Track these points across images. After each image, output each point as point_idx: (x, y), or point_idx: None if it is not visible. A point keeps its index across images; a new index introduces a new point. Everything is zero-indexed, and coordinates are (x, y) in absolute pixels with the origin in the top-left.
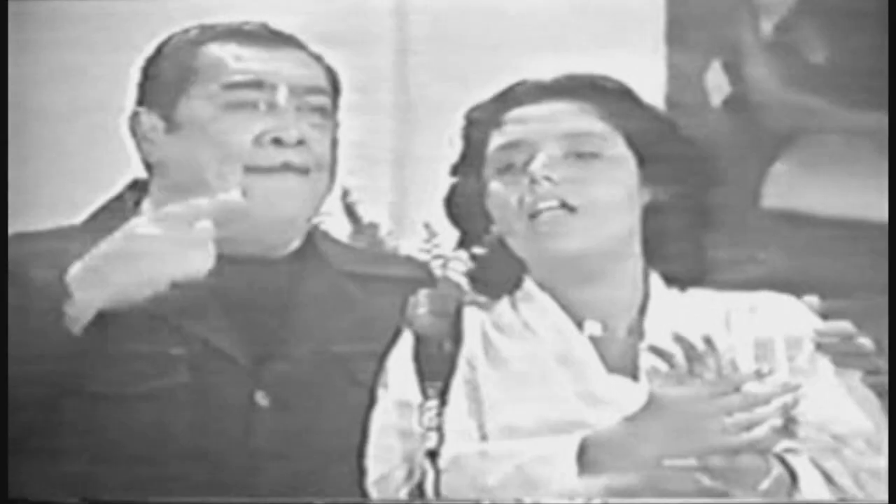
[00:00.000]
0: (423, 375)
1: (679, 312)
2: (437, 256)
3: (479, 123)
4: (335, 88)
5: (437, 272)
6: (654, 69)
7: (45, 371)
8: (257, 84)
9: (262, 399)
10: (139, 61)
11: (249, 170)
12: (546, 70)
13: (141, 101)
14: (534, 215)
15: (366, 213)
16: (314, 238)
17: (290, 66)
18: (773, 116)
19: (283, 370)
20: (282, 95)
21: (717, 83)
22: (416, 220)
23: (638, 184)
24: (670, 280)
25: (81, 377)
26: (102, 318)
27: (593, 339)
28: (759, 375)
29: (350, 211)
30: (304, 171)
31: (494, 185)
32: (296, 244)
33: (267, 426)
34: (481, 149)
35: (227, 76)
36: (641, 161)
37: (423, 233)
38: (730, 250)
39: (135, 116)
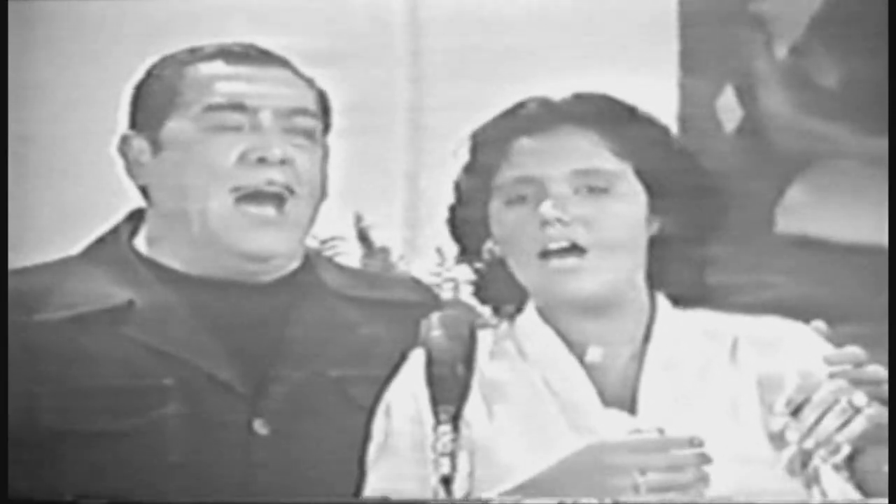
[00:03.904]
0: (435, 399)
1: (684, 340)
2: (449, 280)
3: (486, 145)
4: (325, 111)
5: (450, 295)
6: (667, 94)
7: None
8: (240, 106)
9: (261, 427)
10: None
11: (233, 191)
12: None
13: (132, 125)
14: (545, 255)
15: (378, 238)
16: (312, 262)
17: (275, 86)
18: (786, 141)
19: (281, 397)
20: (265, 117)
21: (729, 108)
22: (428, 244)
23: (647, 216)
24: (674, 302)
25: (70, 414)
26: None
27: (592, 369)
28: (692, 444)
29: (362, 236)
30: (287, 190)
31: (504, 214)
32: (292, 266)
33: (267, 456)
34: (488, 172)
35: (209, 97)
36: (651, 192)
37: (434, 257)
38: (743, 275)
39: (124, 140)
